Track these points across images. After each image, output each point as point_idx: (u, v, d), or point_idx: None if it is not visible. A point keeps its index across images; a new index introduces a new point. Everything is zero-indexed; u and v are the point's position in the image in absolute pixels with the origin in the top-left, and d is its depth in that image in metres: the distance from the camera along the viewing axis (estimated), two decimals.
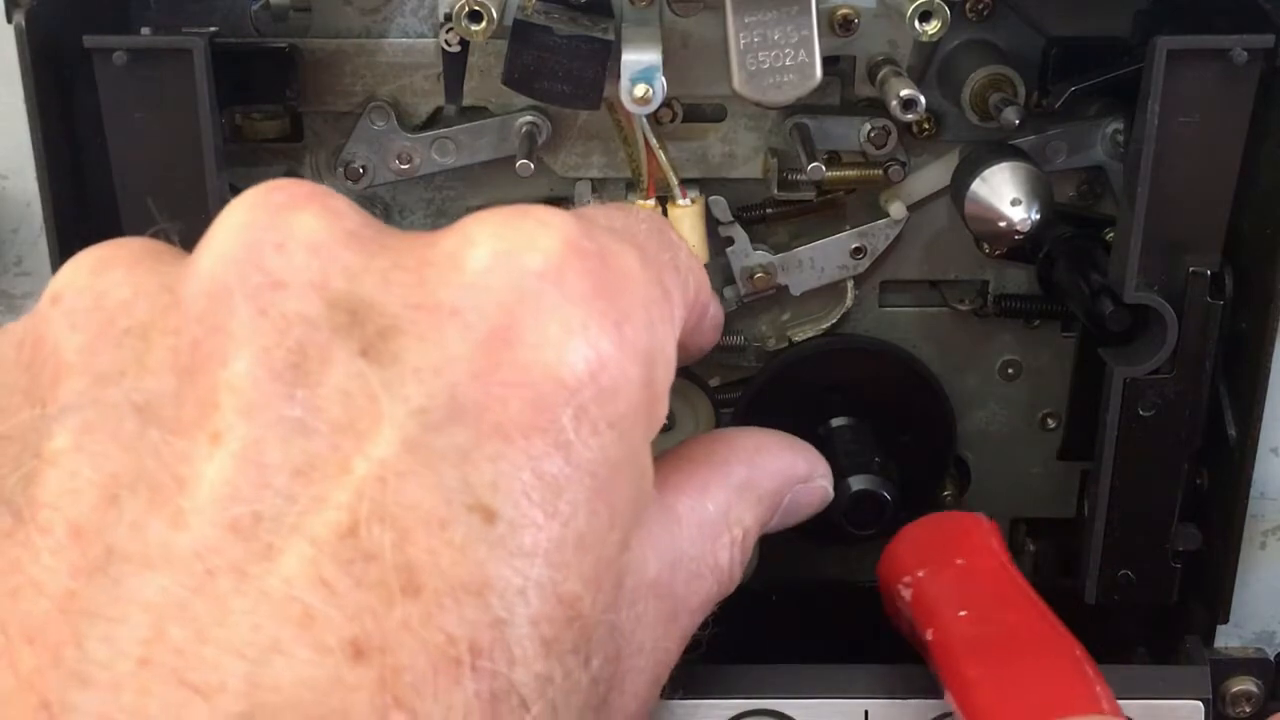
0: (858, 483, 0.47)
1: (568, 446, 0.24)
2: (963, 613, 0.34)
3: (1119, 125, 0.46)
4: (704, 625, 0.32)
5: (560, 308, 0.25)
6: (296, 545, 0.23)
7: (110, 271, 0.26)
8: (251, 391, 0.24)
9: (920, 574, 0.35)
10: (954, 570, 0.35)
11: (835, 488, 0.47)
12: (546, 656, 0.24)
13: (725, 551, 0.32)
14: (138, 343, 0.25)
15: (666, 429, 0.39)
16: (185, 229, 0.29)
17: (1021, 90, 0.45)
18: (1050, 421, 0.52)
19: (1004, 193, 0.44)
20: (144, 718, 0.21)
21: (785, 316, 0.51)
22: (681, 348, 0.30)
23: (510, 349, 0.24)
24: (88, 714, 0.22)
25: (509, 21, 0.41)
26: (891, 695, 0.40)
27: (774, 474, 0.35)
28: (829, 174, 0.46)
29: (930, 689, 0.39)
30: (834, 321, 0.50)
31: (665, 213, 0.47)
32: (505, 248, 0.25)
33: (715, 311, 0.35)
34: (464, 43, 0.44)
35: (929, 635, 0.34)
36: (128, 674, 0.22)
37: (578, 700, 0.25)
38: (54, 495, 0.24)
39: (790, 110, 0.46)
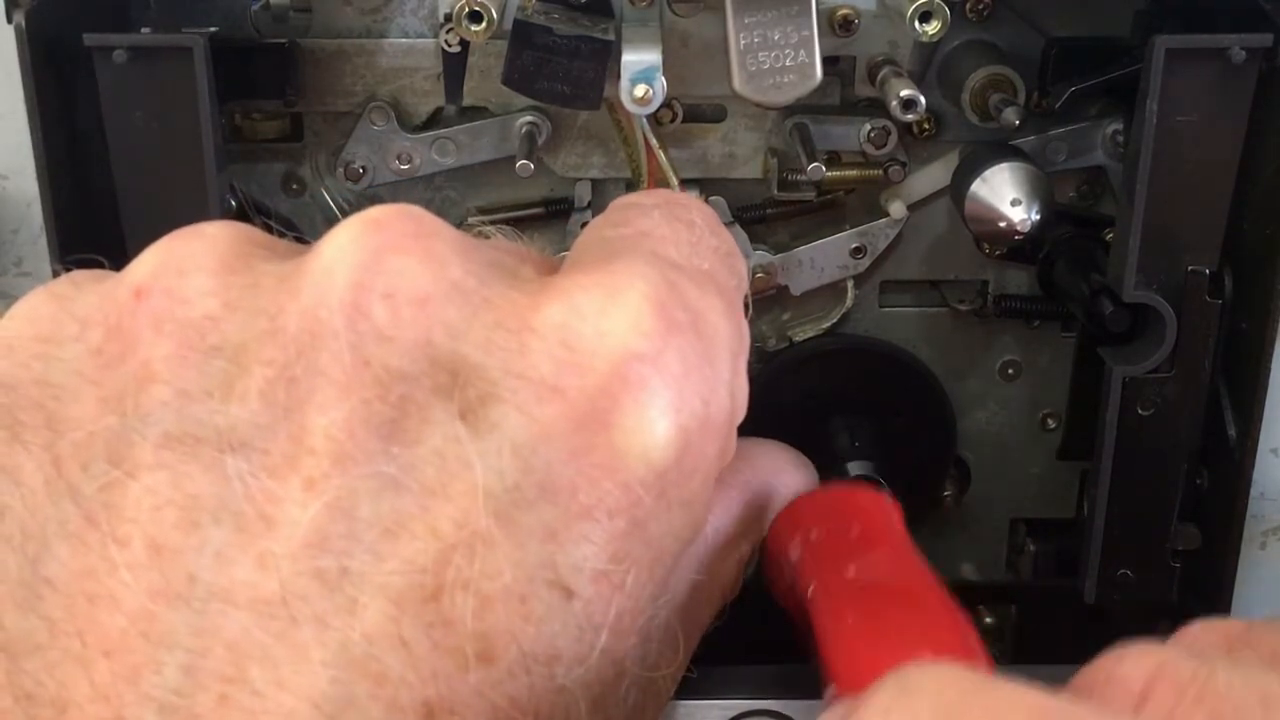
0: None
1: (644, 525, 0.25)
2: (851, 571, 0.34)
3: (1119, 125, 0.46)
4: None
5: (659, 393, 0.25)
6: (380, 603, 0.23)
7: (199, 276, 0.25)
8: (349, 442, 0.23)
9: (813, 534, 0.34)
10: (849, 536, 0.34)
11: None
12: (594, 713, 0.25)
13: (735, 569, 0.33)
14: (229, 365, 0.24)
15: None
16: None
17: (1021, 90, 0.45)
18: (1050, 421, 0.52)
19: (1004, 193, 0.44)
20: None
21: (785, 316, 0.51)
22: None
23: (608, 432, 0.24)
24: None
25: (509, 22, 0.41)
26: None
27: (786, 496, 0.35)
28: (829, 174, 0.46)
29: None
30: (834, 321, 0.50)
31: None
32: (610, 327, 0.25)
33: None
34: (464, 43, 0.44)
35: (810, 589, 0.33)
36: (207, 709, 0.22)
37: None
38: (133, 508, 0.23)
39: (790, 110, 0.46)
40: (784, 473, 0.35)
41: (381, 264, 0.25)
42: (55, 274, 0.40)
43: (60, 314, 0.26)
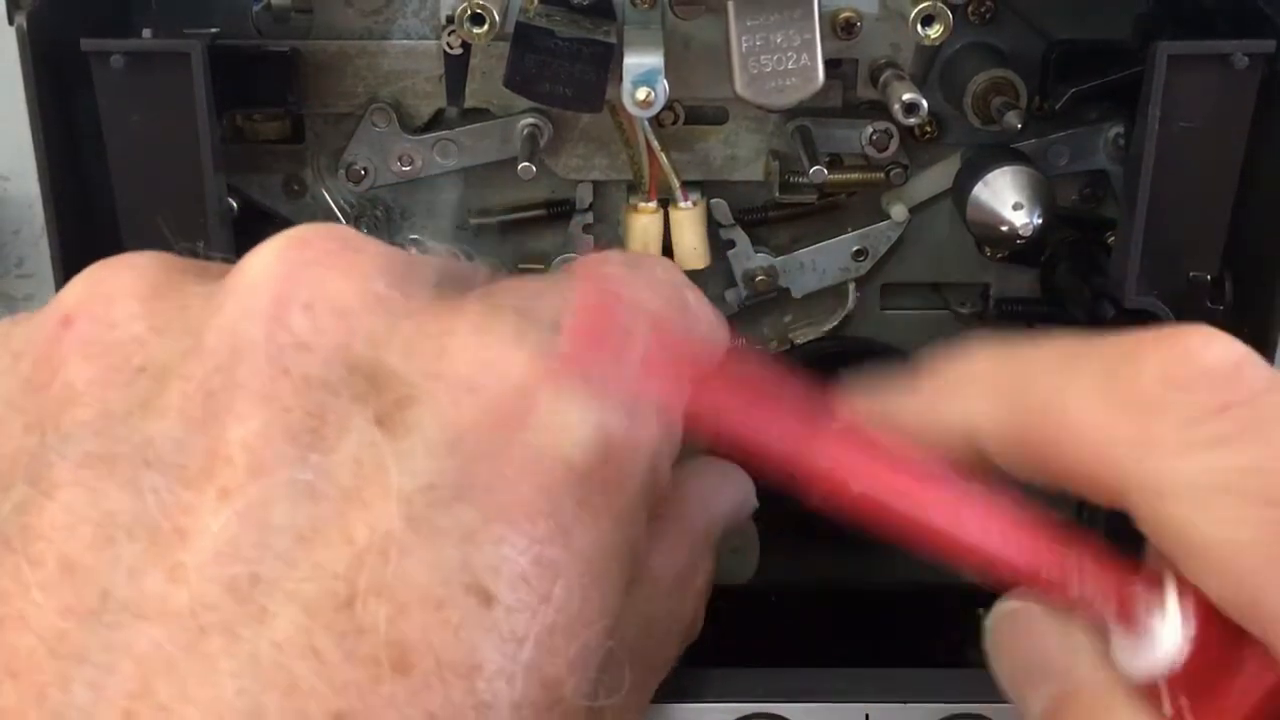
0: None
1: (568, 532, 0.24)
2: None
3: (1120, 129, 0.46)
4: None
5: (577, 394, 0.25)
6: (290, 611, 0.22)
7: (125, 301, 0.26)
8: (265, 450, 0.23)
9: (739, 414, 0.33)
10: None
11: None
12: None
13: (691, 604, 0.32)
14: (151, 384, 0.25)
15: None
16: (190, 245, 0.29)
17: (1024, 94, 0.45)
18: None
19: (1006, 196, 0.44)
20: None
21: (787, 319, 0.51)
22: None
23: (524, 431, 0.24)
24: None
25: (511, 24, 0.41)
26: (892, 699, 0.40)
27: (725, 515, 0.35)
28: (831, 177, 0.46)
29: (932, 692, 0.39)
30: (835, 324, 0.50)
31: (667, 215, 0.47)
32: (528, 326, 0.25)
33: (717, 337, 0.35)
34: (466, 45, 0.44)
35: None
36: None
37: None
38: (48, 527, 0.23)
39: (792, 113, 0.46)
40: (717, 494, 0.34)
41: (303, 276, 0.25)
42: (56, 277, 0.40)
43: None
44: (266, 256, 0.25)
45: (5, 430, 0.25)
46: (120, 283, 0.26)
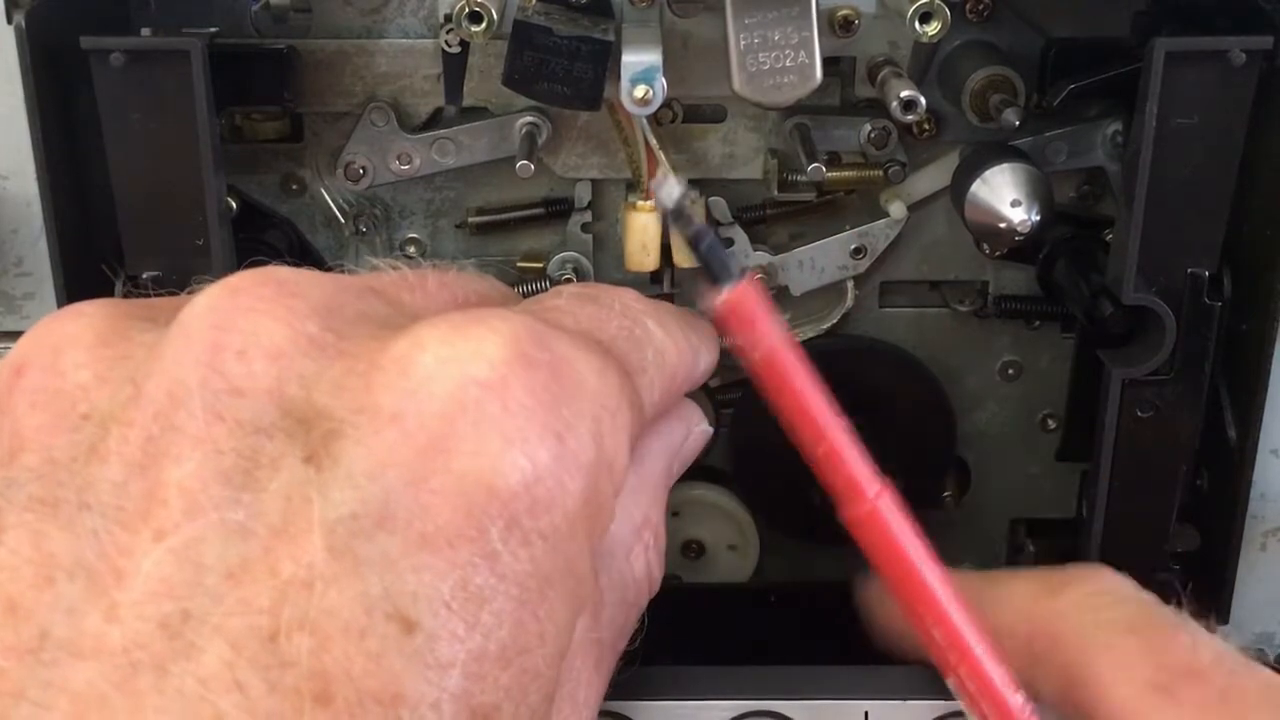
0: None
1: (494, 557, 0.24)
2: None
3: (1119, 126, 0.46)
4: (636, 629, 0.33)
5: (500, 419, 0.25)
6: (216, 646, 0.23)
7: (73, 351, 0.27)
8: (199, 493, 0.24)
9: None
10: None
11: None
12: None
13: (640, 563, 0.32)
14: (95, 430, 0.25)
15: None
16: (178, 277, 0.30)
17: (1022, 91, 0.45)
18: (1050, 422, 0.52)
19: (1004, 194, 0.44)
20: None
21: (786, 317, 0.51)
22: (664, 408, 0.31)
23: (445, 457, 0.24)
24: None
25: (509, 23, 0.41)
26: (891, 696, 0.40)
27: (658, 458, 0.34)
28: (829, 175, 0.46)
29: (931, 690, 0.39)
30: (834, 322, 0.50)
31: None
32: (451, 354, 0.25)
33: (706, 365, 0.35)
34: (464, 43, 0.44)
35: None
36: None
37: None
38: None
39: (790, 111, 0.46)
40: (643, 440, 0.33)
41: (237, 323, 0.26)
42: (55, 276, 0.40)
43: None
44: (202, 305, 0.26)
45: None
46: (68, 333, 0.27)
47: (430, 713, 0.23)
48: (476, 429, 0.25)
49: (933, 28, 0.40)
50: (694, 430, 0.36)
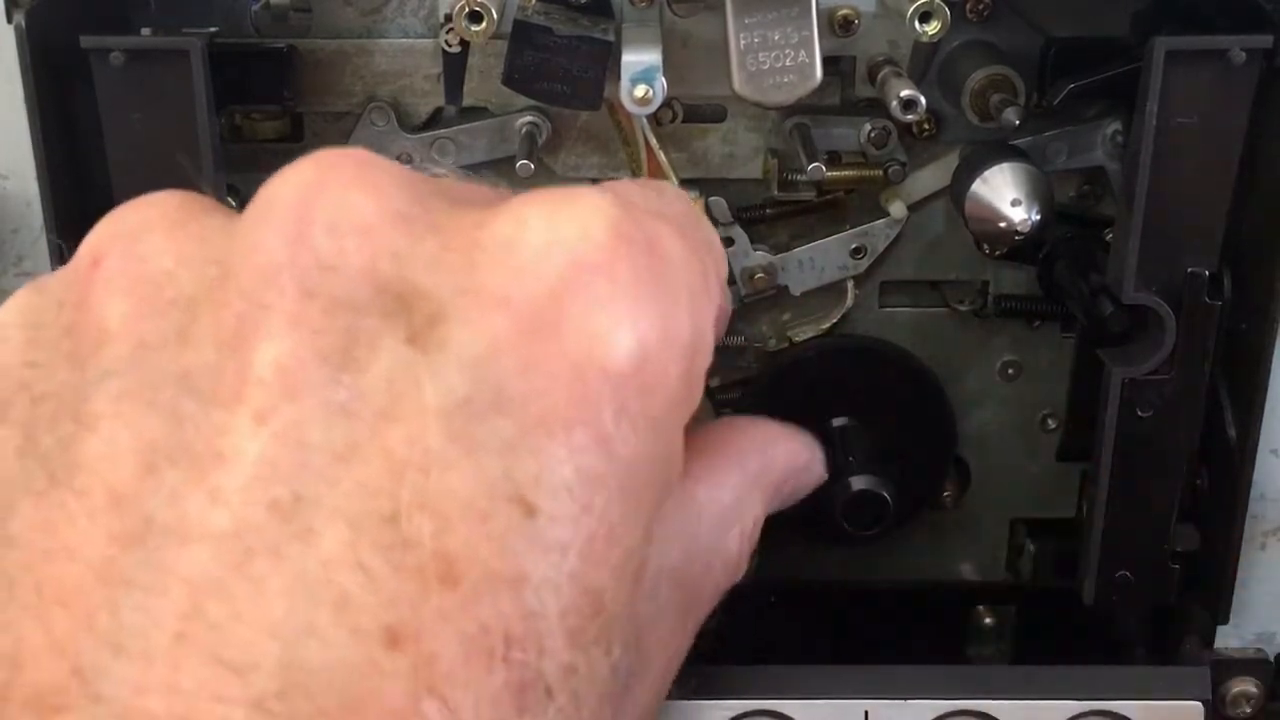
0: (858, 483, 0.47)
1: (608, 441, 0.24)
2: None
3: (1119, 126, 0.46)
4: (711, 614, 0.33)
5: (609, 300, 0.25)
6: (335, 528, 0.22)
7: (151, 236, 0.26)
8: (297, 372, 0.23)
9: None
10: None
11: (835, 488, 0.47)
12: (572, 648, 0.24)
13: (735, 542, 0.32)
14: (182, 314, 0.25)
15: None
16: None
17: (1022, 91, 0.45)
18: (1050, 422, 0.52)
19: (1004, 193, 0.44)
20: (176, 690, 0.21)
21: (785, 317, 0.51)
22: None
23: (558, 340, 0.24)
24: (119, 681, 0.22)
25: (509, 22, 0.41)
26: (891, 696, 0.40)
27: (783, 464, 0.35)
28: (829, 174, 0.46)
29: (930, 689, 0.39)
30: (834, 322, 0.50)
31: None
32: (557, 236, 0.25)
33: (725, 303, 0.35)
34: (464, 43, 0.44)
35: None
36: (162, 646, 0.22)
37: (599, 690, 0.25)
38: (92, 459, 0.24)
39: (790, 111, 0.46)
40: (776, 442, 0.35)
41: (323, 198, 0.25)
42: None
43: (41, 300, 0.27)
44: (286, 181, 0.26)
45: (49, 371, 0.25)
46: (144, 219, 0.27)
47: (550, 592, 0.23)
48: (586, 311, 0.24)
49: (933, 27, 0.40)
50: (816, 464, 0.36)
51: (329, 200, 0.25)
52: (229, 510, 0.23)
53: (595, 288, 0.25)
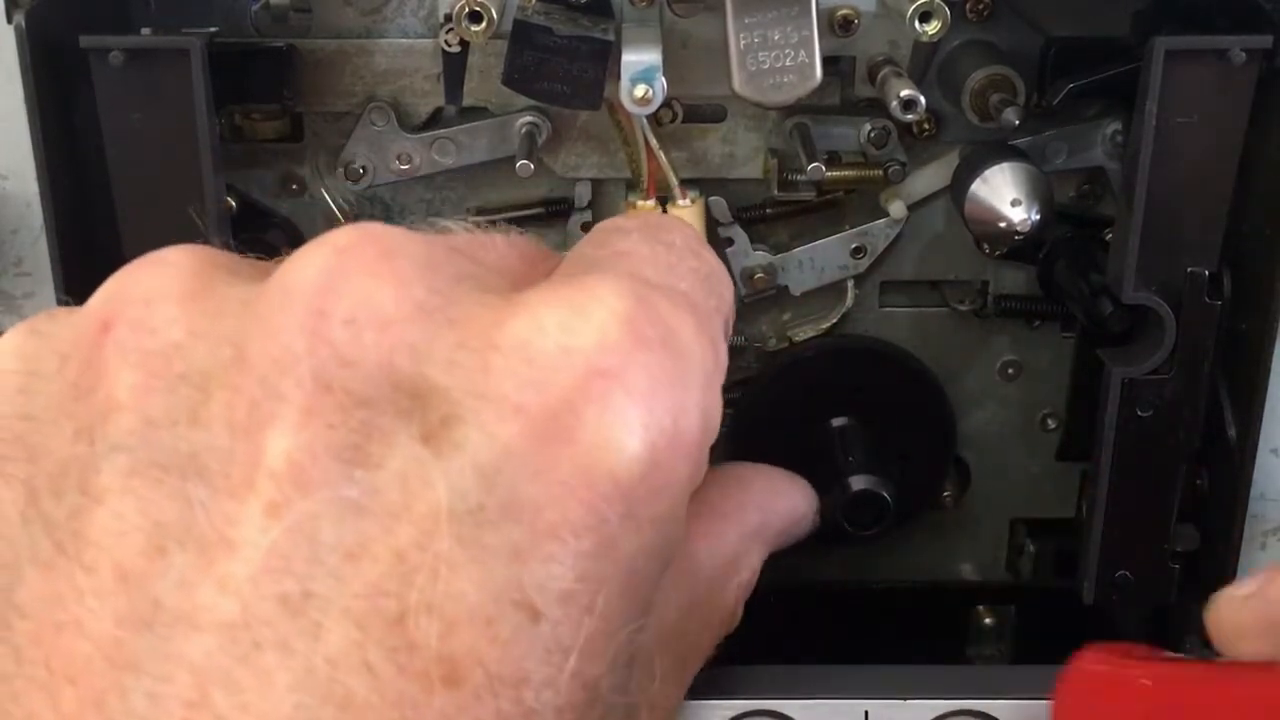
0: (858, 483, 0.47)
1: (612, 544, 0.25)
2: None
3: (1118, 125, 0.46)
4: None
5: (623, 409, 0.25)
6: (343, 627, 0.23)
7: (164, 306, 0.26)
8: (310, 467, 0.23)
9: None
10: None
11: (835, 488, 0.47)
12: None
13: (733, 595, 0.33)
14: (194, 393, 0.25)
15: None
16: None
17: (1021, 90, 0.45)
18: (1050, 422, 0.52)
19: (1004, 193, 0.44)
20: None
21: (785, 317, 0.51)
22: None
23: (571, 447, 0.24)
24: None
25: (509, 22, 0.41)
26: (891, 695, 0.40)
27: (783, 517, 0.35)
28: (829, 174, 0.46)
29: (931, 689, 0.39)
30: (834, 322, 0.50)
31: (665, 213, 0.47)
32: (574, 342, 0.25)
33: (731, 314, 0.35)
34: (464, 43, 0.44)
35: None
36: None
37: None
38: (99, 534, 0.24)
39: (790, 110, 0.46)
40: (777, 495, 0.35)
41: (343, 287, 0.25)
42: (55, 276, 0.40)
43: (41, 349, 0.27)
44: (305, 264, 0.25)
45: (56, 436, 0.25)
46: (157, 284, 0.26)
47: (550, 692, 0.24)
48: (600, 419, 0.25)
49: (933, 27, 0.40)
50: (813, 513, 0.37)
51: (349, 289, 0.25)
52: (239, 600, 0.23)
53: (610, 397, 0.25)
